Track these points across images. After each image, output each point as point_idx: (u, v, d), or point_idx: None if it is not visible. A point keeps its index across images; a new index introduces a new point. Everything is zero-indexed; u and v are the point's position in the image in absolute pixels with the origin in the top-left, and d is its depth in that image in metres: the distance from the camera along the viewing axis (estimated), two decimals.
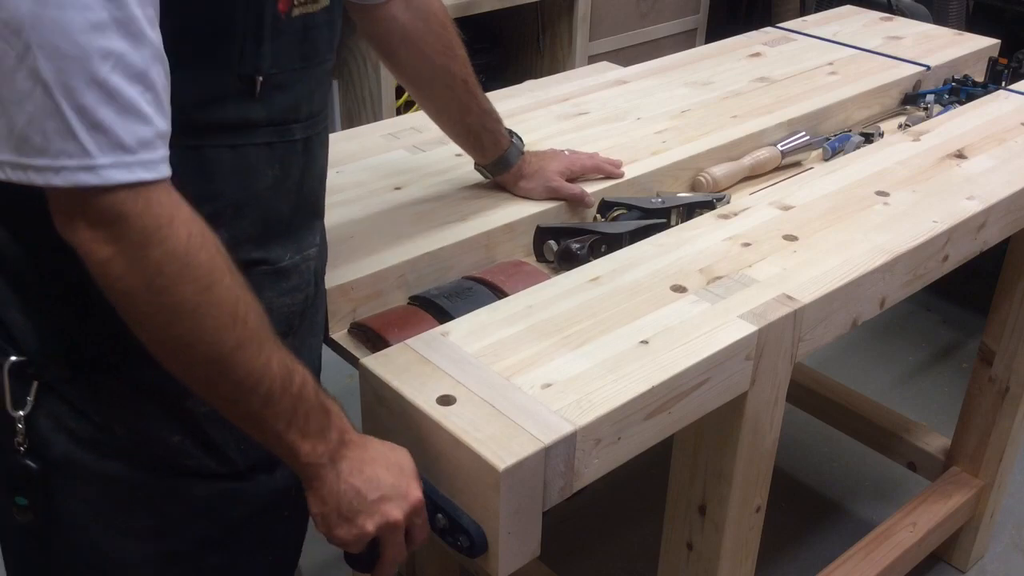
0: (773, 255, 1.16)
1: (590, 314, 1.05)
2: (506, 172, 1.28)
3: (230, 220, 0.86)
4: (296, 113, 0.89)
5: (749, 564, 1.26)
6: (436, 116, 1.26)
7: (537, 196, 1.28)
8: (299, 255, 0.95)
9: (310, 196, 0.96)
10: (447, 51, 1.18)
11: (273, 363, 0.80)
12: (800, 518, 2.11)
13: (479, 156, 1.28)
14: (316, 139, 0.94)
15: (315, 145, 0.94)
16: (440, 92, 1.21)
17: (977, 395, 1.82)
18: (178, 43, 0.75)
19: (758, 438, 1.14)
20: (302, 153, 0.92)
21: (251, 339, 0.79)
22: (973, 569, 2.00)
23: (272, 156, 0.88)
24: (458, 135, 1.26)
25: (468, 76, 1.20)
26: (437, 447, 0.91)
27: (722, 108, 1.58)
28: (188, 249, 0.74)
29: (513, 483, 0.85)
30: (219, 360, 0.78)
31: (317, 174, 0.97)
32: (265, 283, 0.91)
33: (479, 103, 1.23)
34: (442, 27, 1.18)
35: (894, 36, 1.94)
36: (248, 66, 0.82)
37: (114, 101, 0.68)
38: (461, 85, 1.20)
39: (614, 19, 3.24)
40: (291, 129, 0.89)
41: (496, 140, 1.26)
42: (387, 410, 0.96)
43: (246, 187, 0.87)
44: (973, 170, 1.38)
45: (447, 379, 0.95)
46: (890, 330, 2.73)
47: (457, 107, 1.22)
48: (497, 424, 0.89)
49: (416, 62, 1.18)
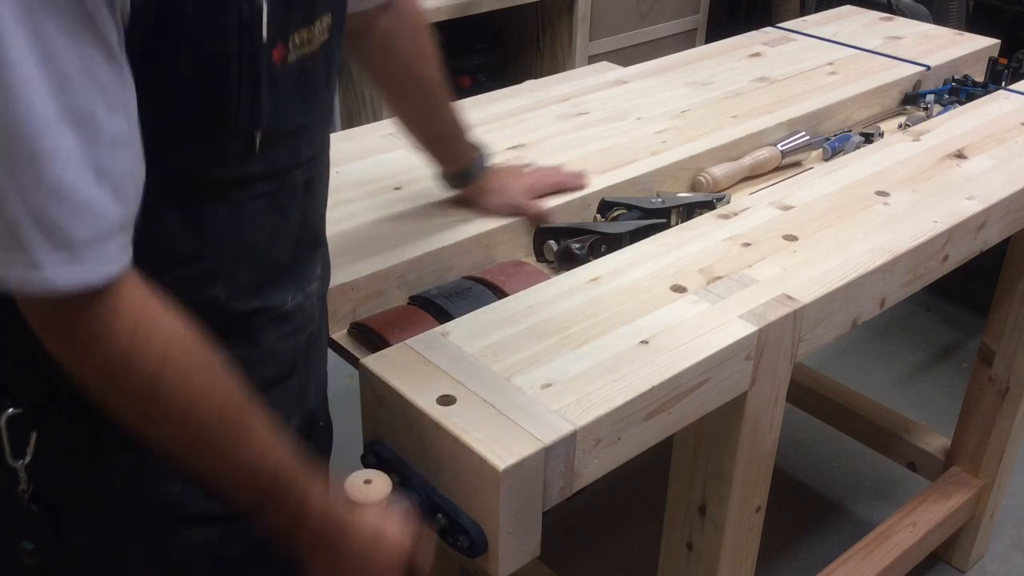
0: (773, 255, 1.16)
1: (590, 314, 1.05)
2: (469, 184, 1.25)
3: (227, 274, 0.83)
4: (297, 159, 0.85)
5: (749, 564, 1.26)
6: (406, 122, 1.23)
7: (501, 213, 1.26)
8: (301, 294, 0.91)
9: (311, 231, 0.93)
10: (422, 58, 1.16)
11: (237, 463, 0.79)
12: (800, 518, 2.11)
13: (443, 165, 1.26)
14: (318, 177, 0.90)
15: (316, 183, 0.90)
16: (413, 98, 1.19)
17: (977, 395, 1.82)
18: (174, 113, 0.73)
19: (758, 438, 1.14)
20: (303, 196, 0.88)
21: (208, 444, 0.78)
22: (973, 569, 2.00)
23: (271, 205, 0.84)
24: (427, 142, 1.24)
25: (439, 84, 1.19)
26: (437, 447, 0.91)
27: (722, 108, 1.58)
28: (130, 352, 0.72)
29: (513, 483, 0.85)
30: (176, 456, 0.78)
31: (318, 207, 0.93)
32: (266, 329, 0.88)
33: (450, 112, 1.21)
34: (419, 34, 1.16)
35: (894, 36, 1.94)
36: (247, 123, 0.77)
37: (66, 202, 0.65)
38: (432, 92, 1.18)
39: (614, 19, 3.24)
40: (291, 175, 0.85)
41: (462, 150, 1.24)
42: (387, 410, 0.96)
43: (243, 239, 0.83)
44: (973, 170, 1.38)
45: (447, 379, 0.95)
46: (890, 330, 2.73)
47: (424, 113, 1.21)
48: (497, 424, 0.89)
49: (391, 68, 1.16)
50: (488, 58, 3.01)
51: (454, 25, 2.66)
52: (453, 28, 2.72)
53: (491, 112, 1.57)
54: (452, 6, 2.56)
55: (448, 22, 2.58)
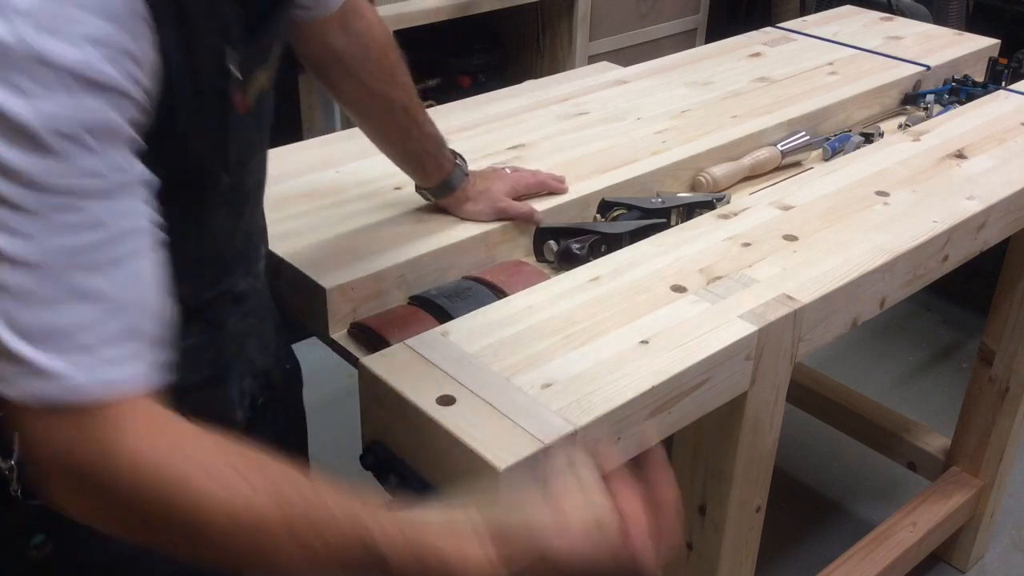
0: (773, 255, 1.16)
1: (590, 314, 1.05)
2: (449, 195, 1.24)
3: (191, 275, 0.85)
4: (252, 171, 0.91)
5: (749, 564, 1.26)
6: (375, 140, 1.23)
7: (484, 218, 1.24)
8: (250, 275, 0.96)
9: (259, 221, 0.98)
10: (388, 78, 1.14)
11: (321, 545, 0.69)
12: (800, 518, 2.11)
13: (421, 180, 1.25)
14: (264, 172, 0.95)
15: (263, 179, 0.96)
16: (379, 118, 1.18)
17: (977, 395, 1.82)
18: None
19: (758, 438, 1.14)
20: (253, 195, 0.93)
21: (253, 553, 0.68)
22: (973, 569, 2.00)
23: (229, 211, 0.89)
24: (400, 160, 1.23)
25: (409, 102, 1.17)
26: (436, 447, 0.90)
27: (722, 108, 1.58)
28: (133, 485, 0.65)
29: (513, 483, 0.85)
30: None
31: (261, 198, 0.98)
32: (229, 311, 0.92)
33: (420, 128, 1.19)
34: (383, 53, 1.14)
35: (894, 36, 1.94)
36: (216, 170, 0.83)
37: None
38: (401, 112, 1.17)
39: (614, 19, 3.24)
40: (246, 183, 0.90)
41: (439, 164, 1.22)
42: (386, 410, 0.96)
43: (205, 244, 0.87)
44: (973, 170, 1.38)
45: (447, 379, 0.95)
46: (890, 330, 2.73)
47: (397, 133, 1.19)
48: (497, 424, 0.89)
49: (352, 88, 1.14)
50: (488, 58, 3.01)
51: (454, 25, 2.66)
52: (453, 28, 2.72)
53: (491, 112, 1.57)
54: (452, 6, 2.55)
55: (448, 22, 2.58)
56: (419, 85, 2.57)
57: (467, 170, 1.25)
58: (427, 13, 2.49)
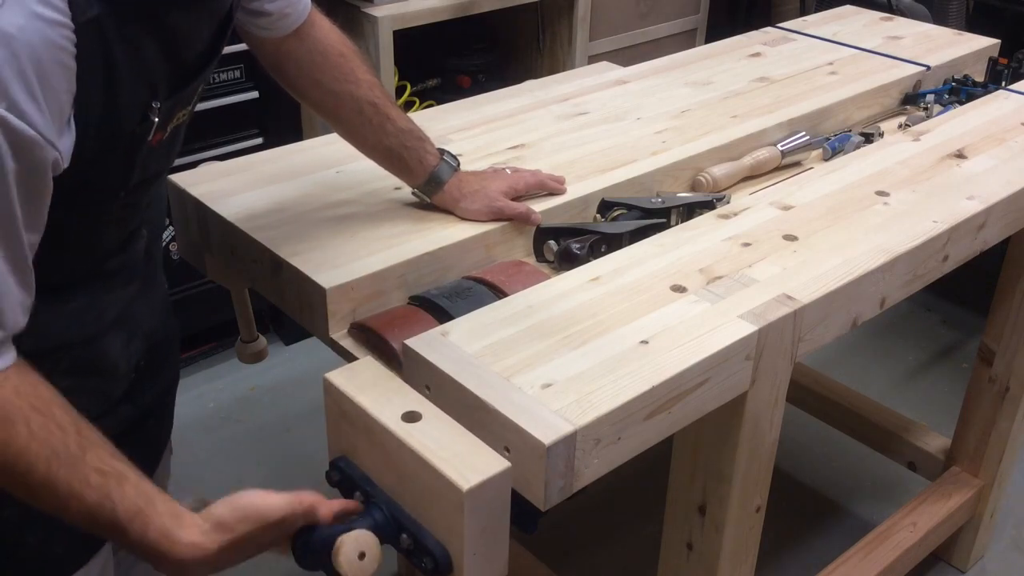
0: (773, 255, 1.16)
1: (590, 314, 1.05)
2: (440, 191, 1.23)
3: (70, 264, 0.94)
4: (152, 186, 0.99)
5: (749, 564, 1.26)
6: (351, 141, 1.24)
7: (481, 218, 1.23)
8: (123, 253, 1.02)
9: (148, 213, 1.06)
10: (348, 79, 1.18)
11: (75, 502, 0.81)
12: (800, 518, 2.11)
13: (408, 177, 1.25)
14: (161, 183, 1.06)
15: (161, 187, 1.07)
16: (348, 117, 1.21)
17: (977, 395, 1.82)
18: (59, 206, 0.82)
19: (758, 438, 1.14)
20: (145, 206, 1.02)
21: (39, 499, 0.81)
22: (973, 569, 2.00)
23: (119, 222, 0.98)
24: (380, 158, 1.24)
25: (377, 98, 1.20)
26: (401, 465, 0.90)
27: (722, 108, 1.58)
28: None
29: (478, 503, 0.84)
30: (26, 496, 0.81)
31: (154, 201, 1.07)
32: (97, 288, 1.00)
33: (394, 123, 1.21)
34: (340, 56, 1.18)
35: (894, 36, 1.94)
36: (117, 189, 0.91)
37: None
38: (370, 108, 1.19)
39: (614, 19, 3.24)
40: (139, 201, 0.99)
41: (421, 158, 1.23)
42: (351, 426, 0.95)
43: (92, 245, 0.96)
44: (973, 170, 1.38)
45: (412, 395, 0.95)
46: (890, 330, 2.73)
47: (371, 130, 1.21)
48: (463, 442, 0.88)
49: (314, 92, 1.19)
50: (488, 58, 3.01)
51: (454, 25, 2.65)
52: (453, 28, 2.72)
53: (491, 112, 1.57)
54: (452, 6, 2.55)
55: (448, 22, 2.58)
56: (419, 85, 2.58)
57: (456, 165, 1.26)
58: (427, 13, 2.49)
